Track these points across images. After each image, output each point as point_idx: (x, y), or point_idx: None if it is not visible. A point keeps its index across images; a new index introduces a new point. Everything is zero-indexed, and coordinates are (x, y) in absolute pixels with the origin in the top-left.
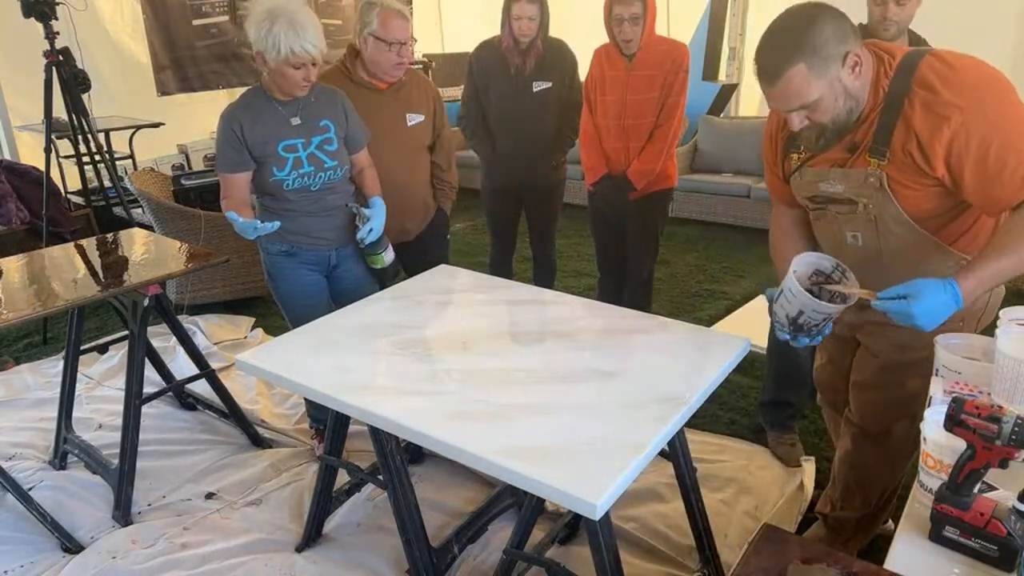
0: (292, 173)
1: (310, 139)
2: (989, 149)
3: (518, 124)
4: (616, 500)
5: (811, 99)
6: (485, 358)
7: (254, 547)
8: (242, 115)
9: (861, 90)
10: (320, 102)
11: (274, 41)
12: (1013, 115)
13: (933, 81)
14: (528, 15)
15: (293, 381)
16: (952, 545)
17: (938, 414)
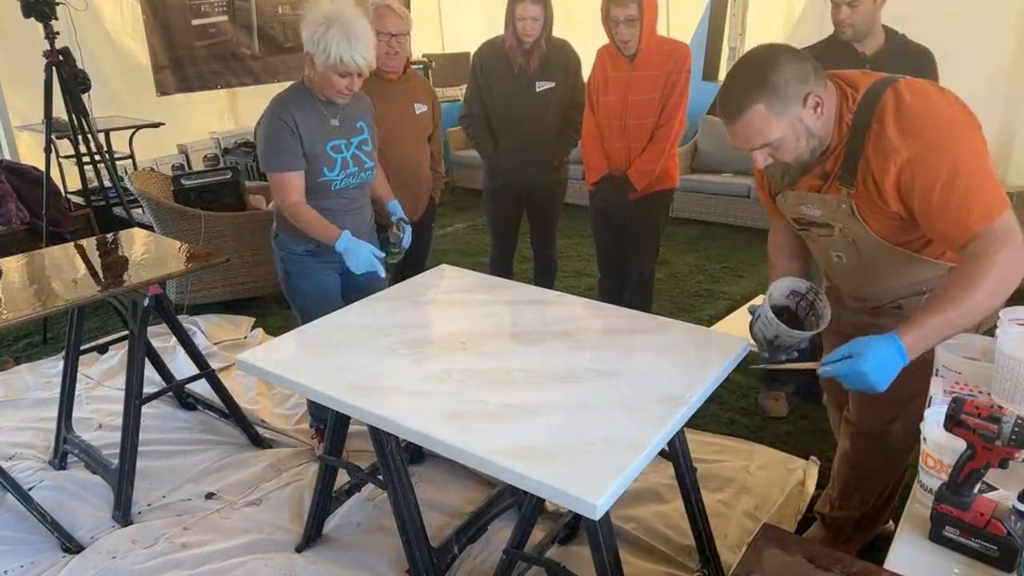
0: (341, 173)
1: (350, 140)
2: (931, 191)
3: (521, 124)
4: (616, 500)
5: (772, 139)
6: (485, 358)
7: (254, 547)
8: (293, 107)
9: (824, 129)
10: (353, 104)
11: (326, 46)
12: (958, 155)
13: (885, 118)
14: (532, 15)
15: (293, 381)
16: (952, 545)
17: (938, 414)
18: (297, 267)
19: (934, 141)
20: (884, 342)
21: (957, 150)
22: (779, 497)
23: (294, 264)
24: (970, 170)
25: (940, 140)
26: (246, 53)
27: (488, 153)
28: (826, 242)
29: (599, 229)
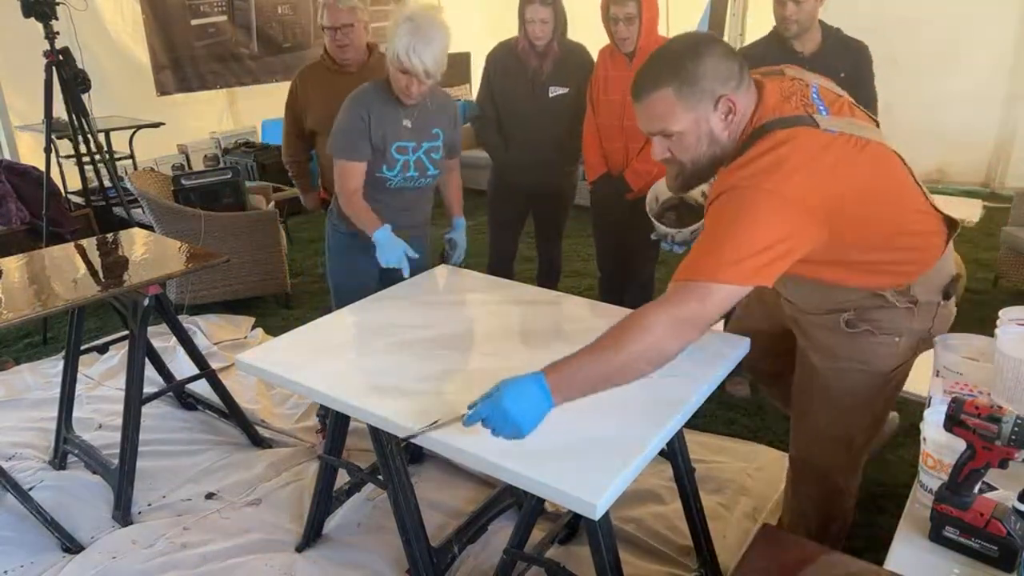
0: (400, 175)
1: (420, 144)
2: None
3: (532, 128)
4: (616, 500)
5: (673, 128)
6: (486, 358)
7: (254, 547)
8: (371, 103)
9: (729, 140)
10: (435, 109)
11: (394, 42)
12: (745, 219)
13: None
14: (541, 18)
15: (293, 381)
16: (952, 545)
17: (938, 414)
18: (338, 244)
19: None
20: (530, 380)
21: (751, 216)
22: (778, 498)
23: (337, 241)
24: (739, 232)
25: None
26: (245, 53)
27: (498, 156)
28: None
29: (599, 229)
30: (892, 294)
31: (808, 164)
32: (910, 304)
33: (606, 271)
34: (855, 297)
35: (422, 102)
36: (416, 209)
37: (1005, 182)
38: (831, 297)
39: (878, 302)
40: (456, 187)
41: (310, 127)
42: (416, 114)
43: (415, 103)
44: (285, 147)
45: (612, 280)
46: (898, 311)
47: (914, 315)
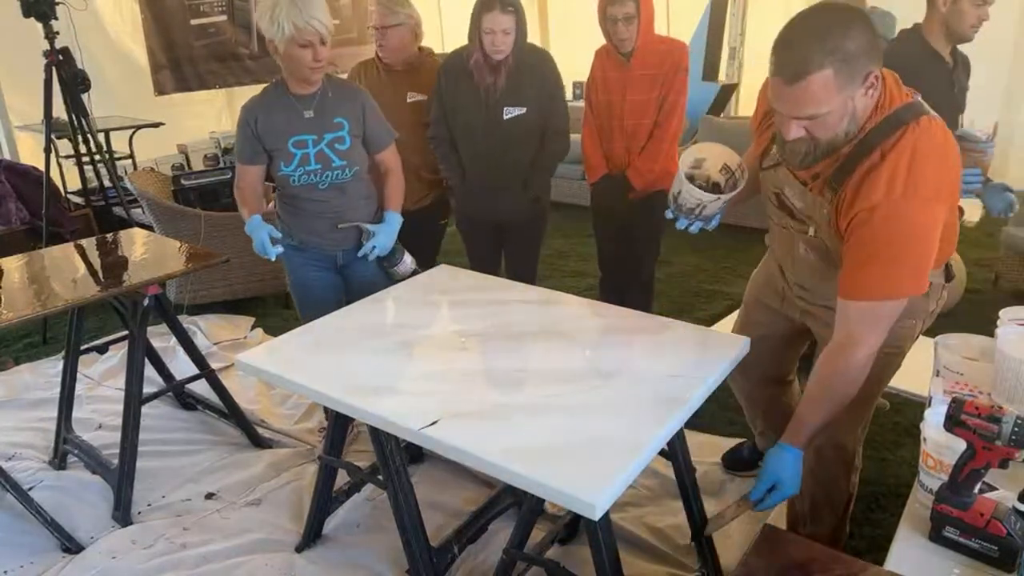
0: (298, 169)
1: (322, 135)
2: (864, 244)
3: (488, 154)
4: (616, 500)
5: (823, 110)
6: (485, 358)
7: (254, 547)
8: (258, 108)
9: (863, 116)
10: (337, 98)
11: (279, 20)
12: (907, 250)
13: (892, 158)
14: (502, 27)
15: (293, 381)
16: (952, 545)
17: (938, 414)
18: (287, 261)
19: (905, 212)
20: (791, 461)
21: (915, 231)
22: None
23: (286, 258)
24: (911, 248)
25: (911, 216)
26: (245, 53)
27: (455, 183)
28: (798, 236)
29: (599, 229)
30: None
31: (940, 157)
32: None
33: (607, 271)
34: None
35: (321, 92)
36: (347, 213)
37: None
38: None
39: None
40: (392, 184)
41: None
42: (316, 103)
43: (316, 79)
44: None
45: (612, 280)
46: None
47: (929, 297)
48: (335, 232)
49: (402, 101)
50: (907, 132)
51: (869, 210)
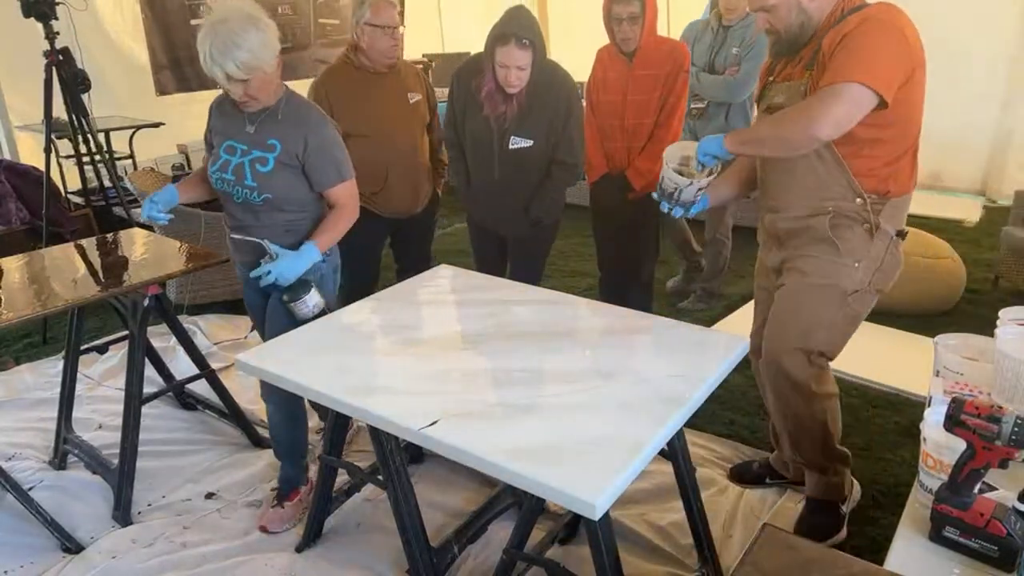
0: (216, 173)
1: (251, 150)
2: (838, 53)
3: (491, 177)
4: (616, 499)
5: (767, 3)
6: (485, 358)
7: (254, 547)
8: (218, 107)
9: (815, 11)
10: (285, 120)
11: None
12: (868, 42)
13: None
14: (517, 63)
15: (293, 381)
16: (952, 545)
17: (938, 414)
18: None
19: (875, 27)
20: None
21: (880, 39)
22: (779, 497)
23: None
24: (868, 47)
25: (876, 26)
26: None
27: (461, 190)
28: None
29: (599, 229)
30: (870, 201)
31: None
32: (872, 225)
33: (606, 271)
34: (839, 197)
35: (272, 110)
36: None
37: (1002, 189)
38: (817, 194)
39: (850, 210)
40: (331, 218)
41: (344, 129)
42: (260, 120)
43: (257, 108)
44: None
45: (612, 280)
46: (860, 233)
47: (871, 241)
48: (243, 251)
49: (405, 102)
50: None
51: (842, 37)
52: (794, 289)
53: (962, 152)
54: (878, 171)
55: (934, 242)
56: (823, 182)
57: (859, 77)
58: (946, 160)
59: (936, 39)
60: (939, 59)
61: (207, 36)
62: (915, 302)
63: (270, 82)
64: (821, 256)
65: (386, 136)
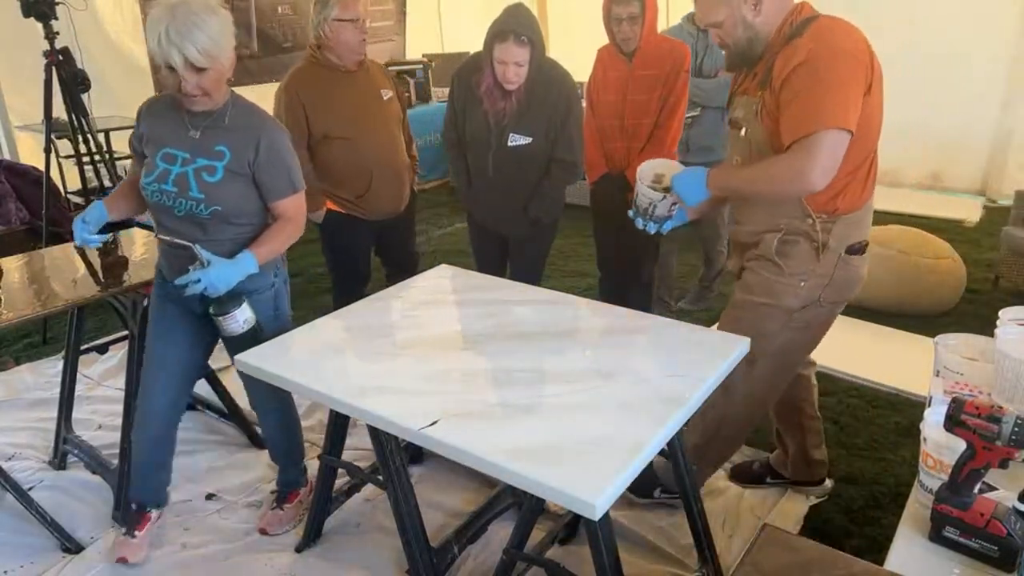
0: (153, 184)
1: (195, 158)
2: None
3: (490, 174)
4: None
5: (716, 19)
6: (485, 358)
7: (254, 547)
8: (148, 109)
9: (762, 26)
10: (233, 126)
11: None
12: (827, 78)
13: (807, 33)
14: (516, 60)
15: (293, 381)
16: (952, 545)
17: (938, 414)
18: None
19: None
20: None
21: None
22: (779, 498)
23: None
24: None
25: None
26: (245, 53)
27: (461, 190)
28: (734, 143)
29: (599, 229)
30: (819, 221)
31: (852, 26)
32: (820, 244)
33: (606, 271)
34: (790, 216)
35: (219, 114)
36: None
37: (1002, 189)
38: (772, 211)
39: (801, 228)
40: (274, 229)
41: (323, 131)
42: (206, 125)
43: (203, 109)
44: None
45: (612, 280)
46: (807, 251)
47: (819, 260)
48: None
49: (380, 99)
50: (814, 23)
51: (793, 67)
52: (738, 303)
53: (962, 152)
54: (829, 191)
55: (934, 242)
56: (776, 208)
57: (830, 123)
58: (946, 160)
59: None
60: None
61: (163, 17)
62: (915, 302)
63: (223, 77)
64: (765, 273)
65: (367, 136)
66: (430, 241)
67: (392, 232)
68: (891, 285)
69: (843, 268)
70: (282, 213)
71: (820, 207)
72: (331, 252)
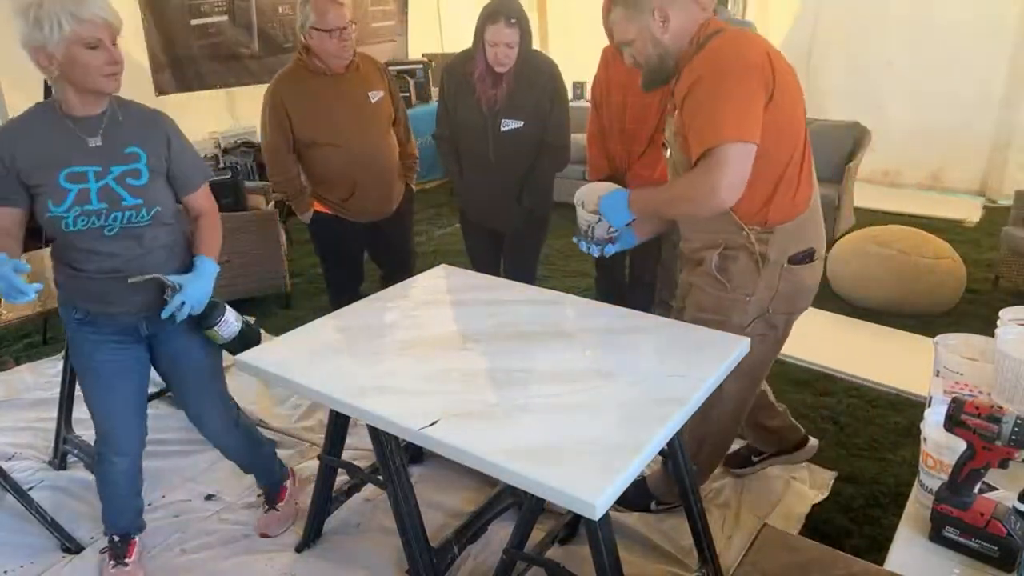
0: (73, 209)
1: (108, 168)
2: (696, 107)
3: (485, 163)
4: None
5: (627, 38)
6: (485, 358)
7: (254, 547)
8: (15, 139)
9: (671, 44)
10: (132, 124)
11: (52, 19)
12: (722, 92)
13: (705, 49)
14: (506, 41)
15: (293, 381)
16: (952, 545)
17: (938, 414)
18: (72, 338)
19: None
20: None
21: (725, 89)
22: (779, 498)
23: (71, 334)
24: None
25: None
26: (245, 53)
27: (456, 181)
28: (669, 165)
29: None
30: (754, 233)
31: (751, 38)
32: (759, 257)
33: (604, 271)
34: (727, 231)
35: (110, 114)
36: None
37: (1002, 189)
38: (708, 228)
39: (739, 242)
40: (205, 227)
41: (308, 138)
42: (104, 129)
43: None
44: (276, 168)
45: (609, 280)
46: (748, 265)
47: (760, 273)
48: (133, 294)
49: (366, 102)
50: (714, 38)
51: (691, 84)
52: (692, 321)
53: (962, 152)
54: (755, 203)
55: (934, 242)
56: (711, 218)
57: (730, 136)
58: (946, 160)
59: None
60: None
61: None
62: (915, 302)
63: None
64: (711, 290)
65: (351, 142)
66: (430, 241)
67: (384, 233)
68: (891, 285)
69: (787, 279)
70: (199, 206)
71: (751, 219)
72: (322, 252)
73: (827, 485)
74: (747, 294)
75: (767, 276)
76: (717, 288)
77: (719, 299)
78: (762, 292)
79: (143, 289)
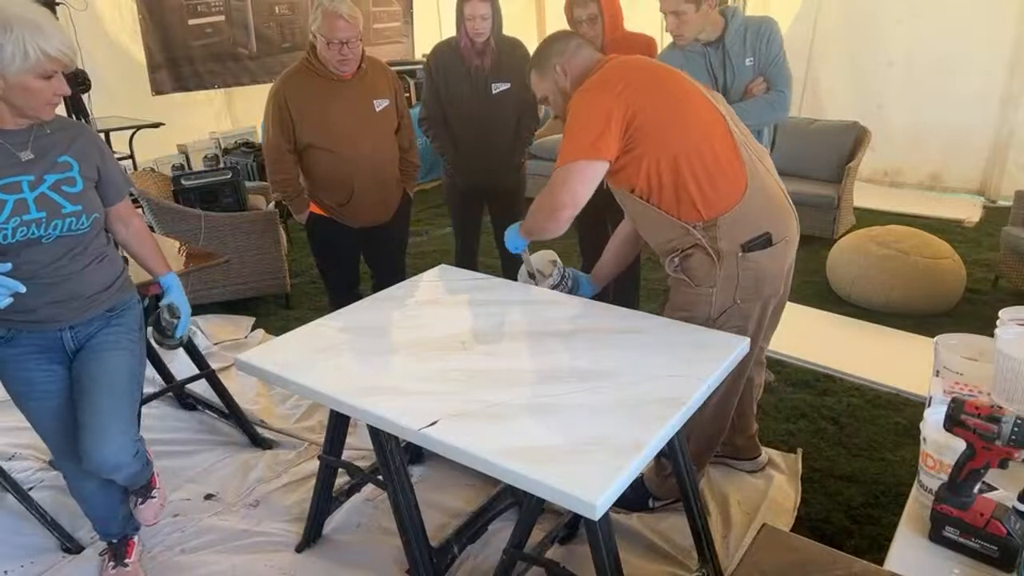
0: (12, 220)
1: (42, 177)
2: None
3: (479, 125)
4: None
5: (544, 95)
6: (485, 358)
7: (254, 547)
8: None
9: (572, 86)
10: (59, 135)
11: (18, 46)
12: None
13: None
14: (480, 14)
15: (293, 381)
16: (952, 545)
17: (938, 414)
18: None
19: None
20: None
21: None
22: (779, 497)
23: None
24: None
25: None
26: (243, 53)
27: (449, 154)
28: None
29: (580, 219)
30: (699, 229)
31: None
32: (712, 251)
33: (588, 260)
34: (676, 234)
35: (37, 127)
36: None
37: (1002, 189)
38: (663, 234)
39: (691, 241)
40: (144, 239)
41: (309, 140)
42: (33, 142)
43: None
44: (277, 168)
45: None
46: (705, 260)
47: (717, 265)
48: (58, 304)
49: (370, 110)
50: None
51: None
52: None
53: (962, 152)
54: (684, 203)
55: (934, 242)
56: (658, 225)
57: (579, 155)
58: (946, 160)
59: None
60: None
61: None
62: (915, 302)
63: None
64: (684, 288)
65: (352, 149)
66: (430, 241)
67: (378, 239)
68: (891, 285)
69: (746, 267)
70: (125, 214)
71: (690, 218)
72: (318, 254)
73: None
74: (710, 286)
75: (725, 267)
76: (685, 286)
77: (686, 295)
78: (723, 283)
79: (73, 293)
